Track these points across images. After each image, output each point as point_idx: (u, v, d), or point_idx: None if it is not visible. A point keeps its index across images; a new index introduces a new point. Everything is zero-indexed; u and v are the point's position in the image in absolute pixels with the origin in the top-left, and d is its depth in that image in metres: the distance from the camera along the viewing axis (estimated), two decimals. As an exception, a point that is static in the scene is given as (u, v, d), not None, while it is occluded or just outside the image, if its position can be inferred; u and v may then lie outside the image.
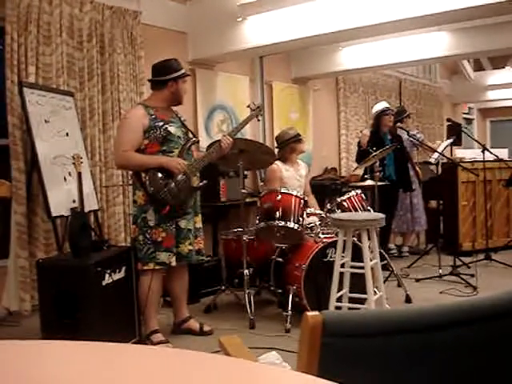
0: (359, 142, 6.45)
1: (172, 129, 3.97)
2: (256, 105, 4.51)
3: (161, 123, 3.92)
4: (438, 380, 1.14)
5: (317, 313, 1.05)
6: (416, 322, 1.11)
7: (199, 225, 4.17)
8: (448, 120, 7.01)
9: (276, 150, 5.30)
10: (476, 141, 6.77)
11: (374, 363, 1.10)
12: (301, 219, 4.49)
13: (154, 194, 3.84)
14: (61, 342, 1.14)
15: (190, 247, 4.03)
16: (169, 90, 4.02)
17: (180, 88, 4.05)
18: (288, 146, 5.24)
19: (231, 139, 4.19)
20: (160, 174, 3.86)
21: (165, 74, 4.00)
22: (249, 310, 4.35)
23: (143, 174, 3.86)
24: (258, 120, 4.63)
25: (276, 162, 5.03)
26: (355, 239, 4.08)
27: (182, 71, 4.08)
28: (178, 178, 3.90)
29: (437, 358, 1.11)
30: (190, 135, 4.17)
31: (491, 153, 6.39)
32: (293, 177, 5.23)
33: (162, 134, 3.90)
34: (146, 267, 3.93)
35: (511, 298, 1.15)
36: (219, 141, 4.19)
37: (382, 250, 4.91)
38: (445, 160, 6.42)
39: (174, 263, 3.95)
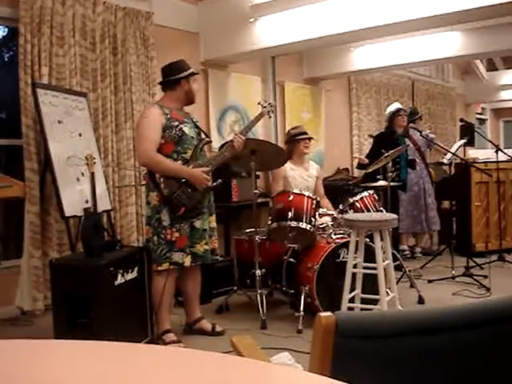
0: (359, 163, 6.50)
1: (186, 129, 3.98)
2: (267, 102, 4.52)
3: (176, 123, 3.94)
4: (451, 382, 1.14)
5: (330, 313, 1.04)
6: (429, 324, 1.11)
7: (214, 224, 4.18)
8: (461, 120, 6.98)
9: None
10: (489, 141, 6.72)
11: (387, 364, 1.10)
12: (313, 220, 4.48)
13: (168, 195, 3.85)
14: (73, 342, 1.14)
15: (206, 247, 4.05)
16: (182, 89, 4.02)
17: (192, 86, 4.06)
18: (289, 143, 5.32)
19: (243, 137, 4.20)
20: (173, 178, 3.88)
21: (176, 74, 4.01)
22: (261, 311, 4.35)
23: (157, 175, 3.88)
24: (270, 117, 4.64)
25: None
26: (367, 240, 4.07)
27: (192, 69, 4.09)
28: None
29: (450, 359, 1.10)
30: (203, 136, 4.18)
31: (505, 153, 6.34)
32: (299, 176, 5.23)
33: (177, 133, 3.91)
34: (160, 268, 3.93)
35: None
36: (231, 140, 4.20)
37: (394, 251, 4.89)
38: (458, 160, 6.39)
39: (187, 263, 3.95)
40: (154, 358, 1.04)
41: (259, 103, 4.56)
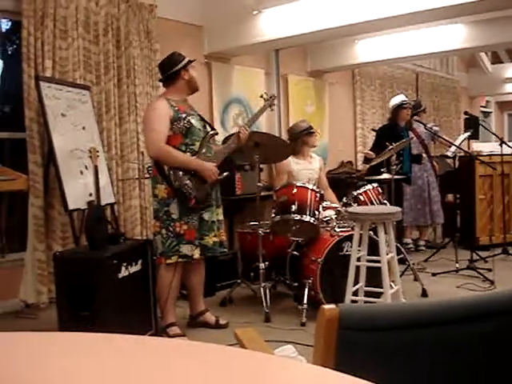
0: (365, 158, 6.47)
1: (194, 121, 4.00)
2: (269, 95, 4.54)
3: (183, 115, 3.95)
4: (454, 374, 1.13)
5: (333, 306, 1.04)
6: (432, 317, 1.11)
7: (221, 217, 4.19)
8: (465, 113, 6.96)
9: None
10: (494, 134, 6.69)
11: (390, 357, 1.10)
12: (317, 213, 4.47)
13: (178, 187, 3.86)
14: (77, 334, 1.14)
15: (215, 239, 4.07)
16: (183, 80, 4.03)
17: (192, 74, 4.07)
18: (299, 138, 5.26)
19: (248, 130, 4.23)
20: (181, 170, 3.89)
21: (174, 66, 4.02)
22: (264, 304, 4.35)
23: (166, 168, 3.87)
24: (272, 110, 4.66)
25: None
26: (371, 233, 4.06)
27: (188, 58, 4.10)
28: None
29: (452, 352, 1.10)
30: (208, 128, 4.18)
31: (509, 146, 6.33)
32: (303, 169, 5.22)
33: (185, 125, 3.93)
34: (169, 261, 3.93)
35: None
36: (238, 132, 4.22)
37: (398, 244, 4.88)
38: (462, 153, 6.37)
39: (196, 256, 3.96)
40: (158, 351, 1.05)
41: (261, 96, 4.57)
